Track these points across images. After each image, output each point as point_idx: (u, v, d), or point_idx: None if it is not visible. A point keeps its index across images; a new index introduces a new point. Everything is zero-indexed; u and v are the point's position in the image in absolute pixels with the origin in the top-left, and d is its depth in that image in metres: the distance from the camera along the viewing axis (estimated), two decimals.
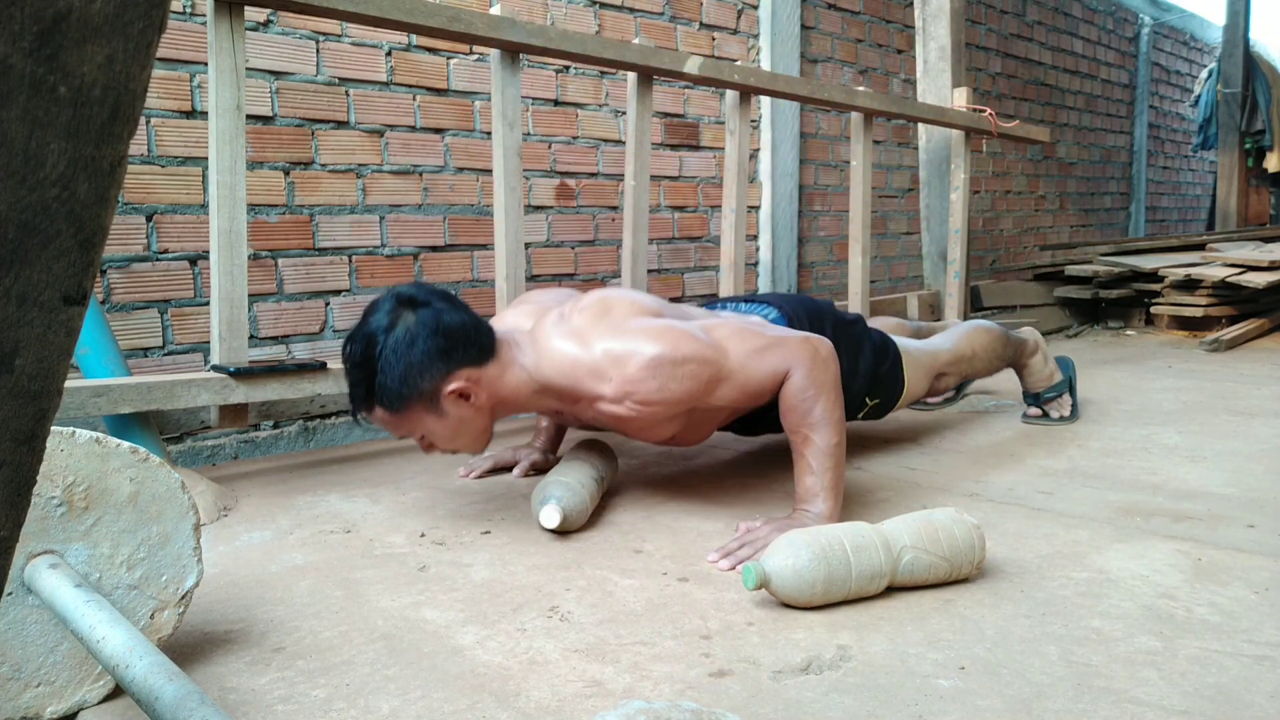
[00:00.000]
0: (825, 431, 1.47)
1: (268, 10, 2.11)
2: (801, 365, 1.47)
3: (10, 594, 0.93)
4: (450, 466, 1.99)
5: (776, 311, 1.82)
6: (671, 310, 1.59)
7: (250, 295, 2.05)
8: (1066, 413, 2.33)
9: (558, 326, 1.52)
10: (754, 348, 1.49)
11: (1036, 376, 2.32)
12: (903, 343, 1.98)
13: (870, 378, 1.86)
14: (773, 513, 1.62)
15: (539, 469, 1.91)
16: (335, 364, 1.89)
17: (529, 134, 2.72)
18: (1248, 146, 6.52)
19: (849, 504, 1.66)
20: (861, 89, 2.96)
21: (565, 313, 1.54)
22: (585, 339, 1.47)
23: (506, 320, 1.68)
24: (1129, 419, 2.36)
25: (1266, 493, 1.70)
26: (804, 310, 1.84)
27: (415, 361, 1.42)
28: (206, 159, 1.93)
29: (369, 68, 2.34)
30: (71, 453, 0.95)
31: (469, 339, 1.46)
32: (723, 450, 2.10)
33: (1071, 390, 2.35)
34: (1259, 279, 3.81)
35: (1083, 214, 5.86)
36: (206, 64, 1.91)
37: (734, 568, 1.36)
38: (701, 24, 3.23)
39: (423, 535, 1.53)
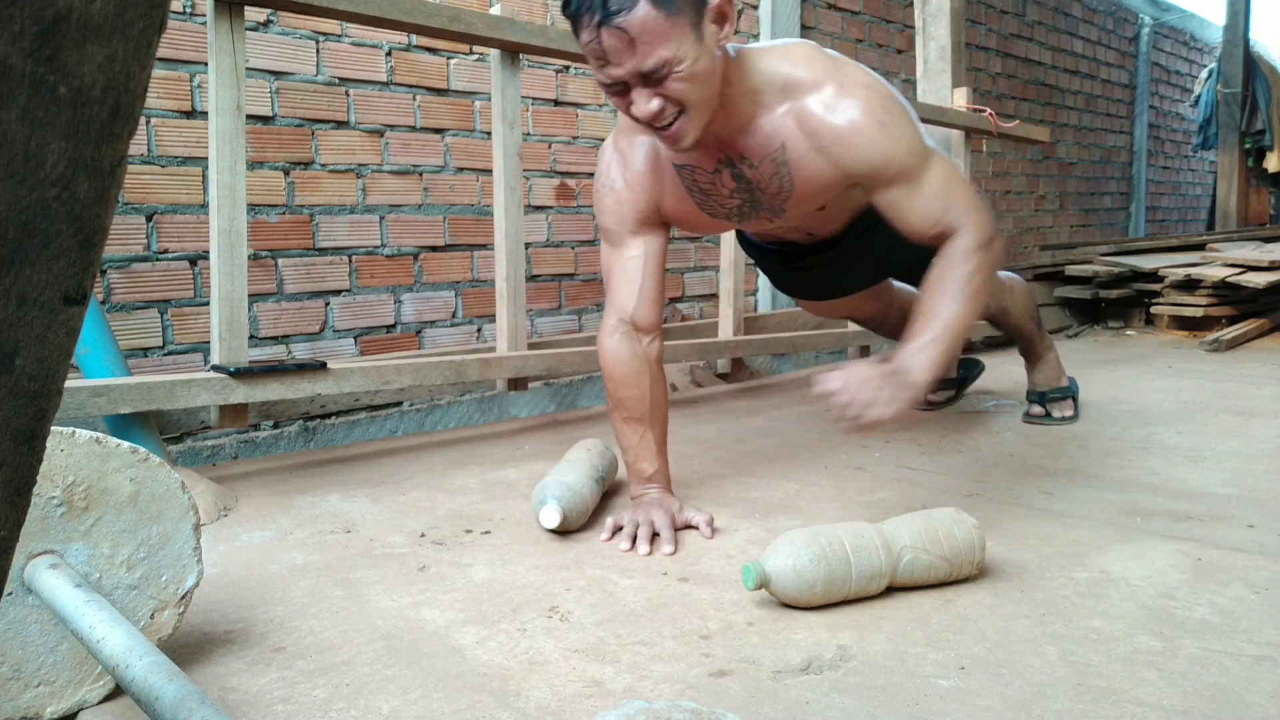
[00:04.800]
0: (968, 305, 1.37)
1: (268, 10, 2.11)
2: (976, 232, 1.39)
3: (10, 594, 0.93)
4: (449, 466, 1.99)
5: None
6: None
7: (250, 295, 2.05)
8: (1069, 413, 2.33)
9: None
10: (958, 180, 1.42)
11: (1047, 374, 2.32)
12: None
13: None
14: (772, 516, 1.62)
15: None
16: (335, 364, 1.89)
17: (529, 134, 2.72)
18: (1248, 146, 6.51)
19: (849, 504, 1.66)
20: None
21: None
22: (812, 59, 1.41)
23: None
24: (1129, 419, 2.36)
25: (1266, 493, 1.70)
26: None
27: None
28: (206, 159, 1.93)
29: (369, 68, 2.34)
30: (71, 453, 0.95)
31: None
32: (722, 450, 2.10)
33: (1074, 399, 2.35)
34: (1259, 279, 3.81)
35: (1083, 214, 5.86)
36: (206, 64, 1.91)
37: (857, 418, 1.27)
38: None
39: (423, 535, 1.53)
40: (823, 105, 1.37)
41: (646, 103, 1.30)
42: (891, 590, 1.25)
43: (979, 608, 1.21)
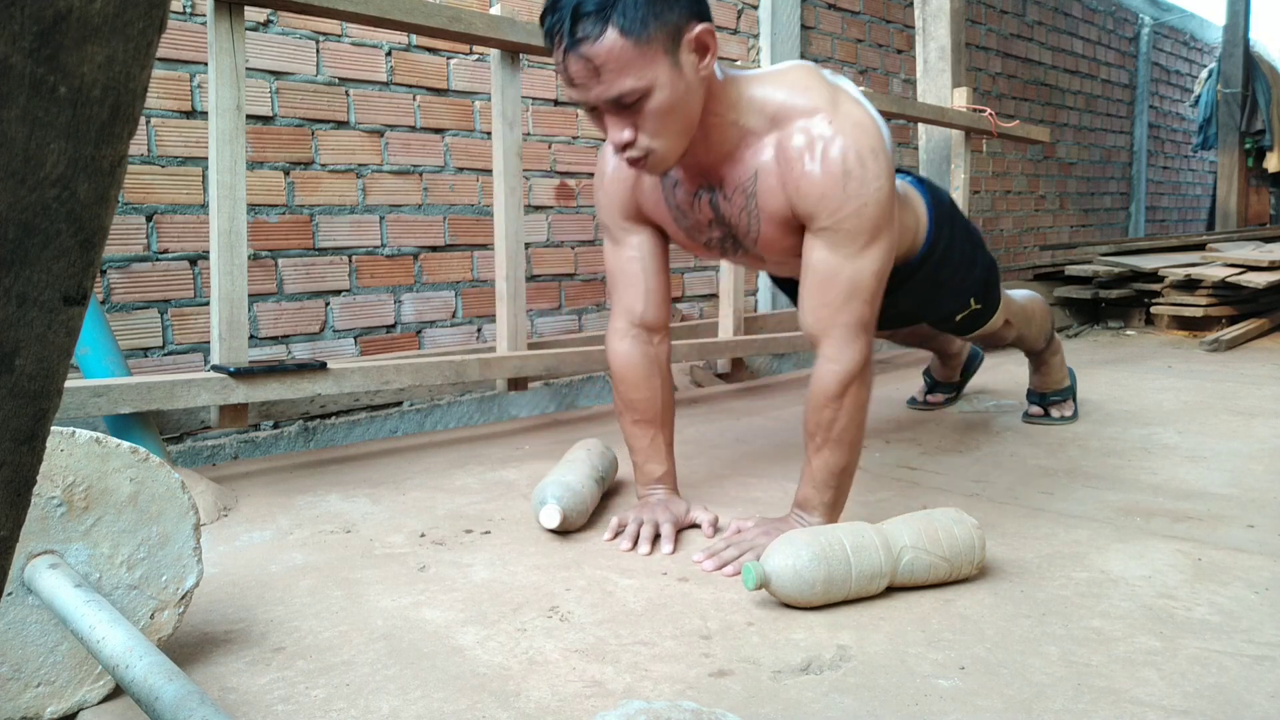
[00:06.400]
0: (839, 452, 1.38)
1: (268, 10, 2.11)
2: (846, 361, 1.34)
3: (10, 594, 0.93)
4: (449, 466, 1.99)
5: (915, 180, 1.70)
6: None
7: (250, 295, 2.04)
8: (1068, 413, 2.33)
9: None
10: (869, 291, 1.33)
11: (1051, 377, 2.32)
12: None
13: (983, 280, 1.81)
14: (771, 513, 1.62)
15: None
16: (335, 364, 1.89)
17: (529, 134, 2.72)
18: (1248, 146, 6.52)
19: (848, 504, 1.66)
20: (861, 89, 2.96)
21: None
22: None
23: None
24: (1129, 419, 2.36)
25: (1266, 493, 1.70)
26: (938, 194, 1.71)
27: None
28: (206, 159, 1.93)
29: (369, 68, 2.34)
30: (71, 453, 0.95)
31: None
32: (723, 450, 2.10)
33: (1073, 398, 2.36)
34: (1259, 279, 3.81)
35: (1083, 214, 5.86)
36: (206, 64, 1.91)
37: (720, 568, 1.35)
38: None
39: (423, 535, 1.53)
40: (803, 136, 1.30)
41: (619, 131, 1.26)
42: (891, 590, 1.25)
43: (979, 608, 1.21)
